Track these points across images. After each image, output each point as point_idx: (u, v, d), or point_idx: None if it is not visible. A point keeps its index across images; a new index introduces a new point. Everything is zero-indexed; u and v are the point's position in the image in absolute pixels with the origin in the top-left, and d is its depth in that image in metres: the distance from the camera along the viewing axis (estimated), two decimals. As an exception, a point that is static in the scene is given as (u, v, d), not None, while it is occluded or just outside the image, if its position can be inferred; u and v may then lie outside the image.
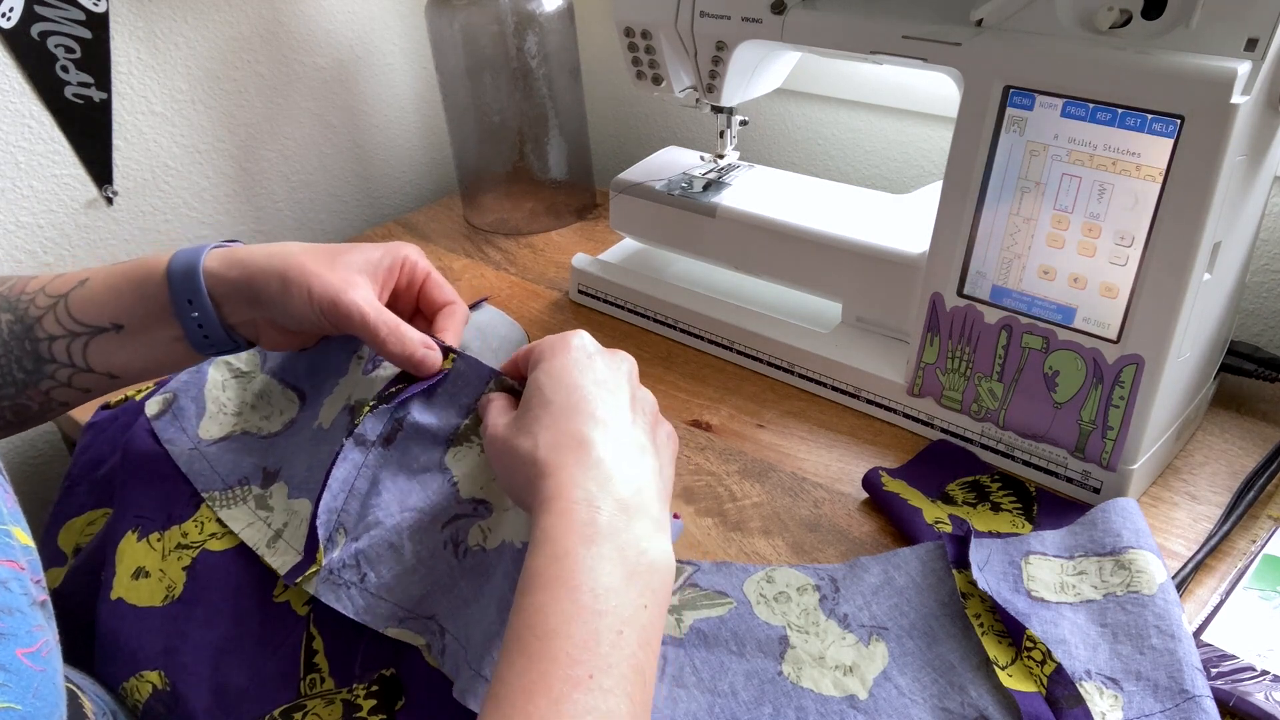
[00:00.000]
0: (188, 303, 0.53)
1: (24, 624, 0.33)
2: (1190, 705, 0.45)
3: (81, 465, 0.64)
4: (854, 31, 0.64)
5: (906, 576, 0.54)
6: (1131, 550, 0.52)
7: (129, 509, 0.56)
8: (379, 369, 0.58)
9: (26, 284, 0.55)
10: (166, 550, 0.54)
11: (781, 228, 0.74)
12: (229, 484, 0.58)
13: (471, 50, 0.92)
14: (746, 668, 0.50)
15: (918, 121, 0.90)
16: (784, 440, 0.69)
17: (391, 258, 0.57)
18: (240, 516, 0.56)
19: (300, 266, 0.53)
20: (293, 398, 0.62)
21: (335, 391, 0.60)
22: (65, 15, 0.79)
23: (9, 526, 0.36)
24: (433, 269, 0.59)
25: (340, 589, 0.49)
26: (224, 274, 0.54)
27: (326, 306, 0.52)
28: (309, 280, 0.52)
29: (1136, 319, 0.56)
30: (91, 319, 0.54)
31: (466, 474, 0.52)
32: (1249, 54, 0.50)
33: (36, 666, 0.33)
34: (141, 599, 0.53)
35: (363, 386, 0.57)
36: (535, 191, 1.01)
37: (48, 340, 0.54)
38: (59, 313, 0.54)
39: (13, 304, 0.54)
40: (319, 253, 0.54)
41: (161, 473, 0.59)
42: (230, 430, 0.61)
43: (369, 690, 0.45)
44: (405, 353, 0.52)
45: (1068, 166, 0.56)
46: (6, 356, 0.54)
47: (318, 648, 0.49)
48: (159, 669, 0.50)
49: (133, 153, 0.88)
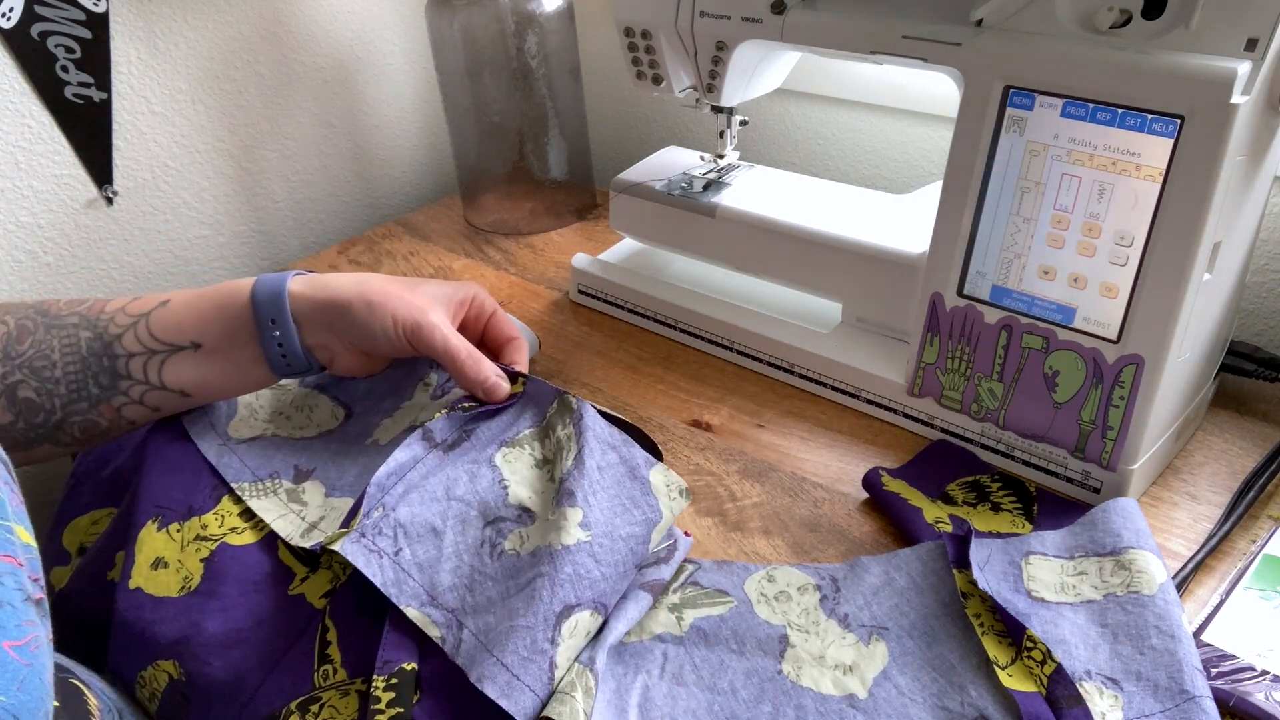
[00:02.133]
0: (270, 322, 0.56)
1: (14, 618, 0.34)
2: (1190, 705, 0.45)
3: (87, 464, 0.64)
4: (854, 31, 0.64)
5: (907, 577, 0.54)
6: (1132, 550, 0.52)
7: (149, 499, 0.57)
8: (447, 395, 0.61)
9: (105, 305, 0.57)
10: (185, 541, 0.55)
11: (781, 228, 0.74)
12: (259, 477, 0.59)
13: (471, 50, 0.92)
14: (746, 666, 0.50)
15: (918, 121, 0.90)
16: (784, 440, 0.69)
17: (464, 293, 0.62)
18: (271, 508, 0.56)
19: (384, 290, 0.57)
20: (339, 413, 0.64)
21: (397, 414, 0.62)
22: (65, 15, 0.79)
23: (11, 523, 0.36)
24: (499, 307, 0.64)
25: (373, 555, 0.49)
26: (309, 295, 0.57)
27: (410, 328, 0.57)
28: (392, 303, 0.57)
29: (1136, 319, 0.56)
30: (172, 337, 0.56)
31: (517, 477, 0.54)
32: (1249, 54, 0.50)
33: (23, 660, 0.33)
34: (159, 589, 0.53)
35: (430, 410, 0.60)
36: (535, 191, 1.01)
37: (126, 357, 0.56)
38: (139, 331, 0.56)
39: (92, 322, 0.56)
40: (399, 282, 0.59)
41: (185, 466, 0.59)
42: (260, 433, 0.62)
43: (388, 683, 0.46)
44: (480, 377, 0.57)
45: (1068, 166, 0.56)
46: (84, 372, 0.56)
47: (331, 639, 0.50)
48: (174, 659, 0.50)
49: (133, 153, 0.88)
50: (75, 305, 0.57)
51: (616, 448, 0.55)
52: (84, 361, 0.55)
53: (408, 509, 0.51)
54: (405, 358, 0.62)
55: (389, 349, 0.58)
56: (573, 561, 0.48)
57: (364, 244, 1.02)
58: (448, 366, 0.57)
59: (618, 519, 0.51)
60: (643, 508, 0.53)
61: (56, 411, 0.55)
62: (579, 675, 0.46)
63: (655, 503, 0.53)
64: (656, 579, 0.53)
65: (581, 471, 0.52)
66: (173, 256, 0.94)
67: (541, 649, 0.46)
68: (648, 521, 0.52)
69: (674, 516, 0.54)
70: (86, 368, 0.56)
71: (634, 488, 0.53)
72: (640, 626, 0.52)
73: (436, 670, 0.47)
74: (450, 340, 0.57)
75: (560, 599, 0.47)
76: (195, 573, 0.53)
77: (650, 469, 0.55)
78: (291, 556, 0.54)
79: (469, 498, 0.52)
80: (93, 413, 0.56)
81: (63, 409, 0.55)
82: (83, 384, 0.56)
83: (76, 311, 0.57)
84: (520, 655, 0.45)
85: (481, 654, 0.46)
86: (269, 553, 0.54)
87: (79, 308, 0.57)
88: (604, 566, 0.49)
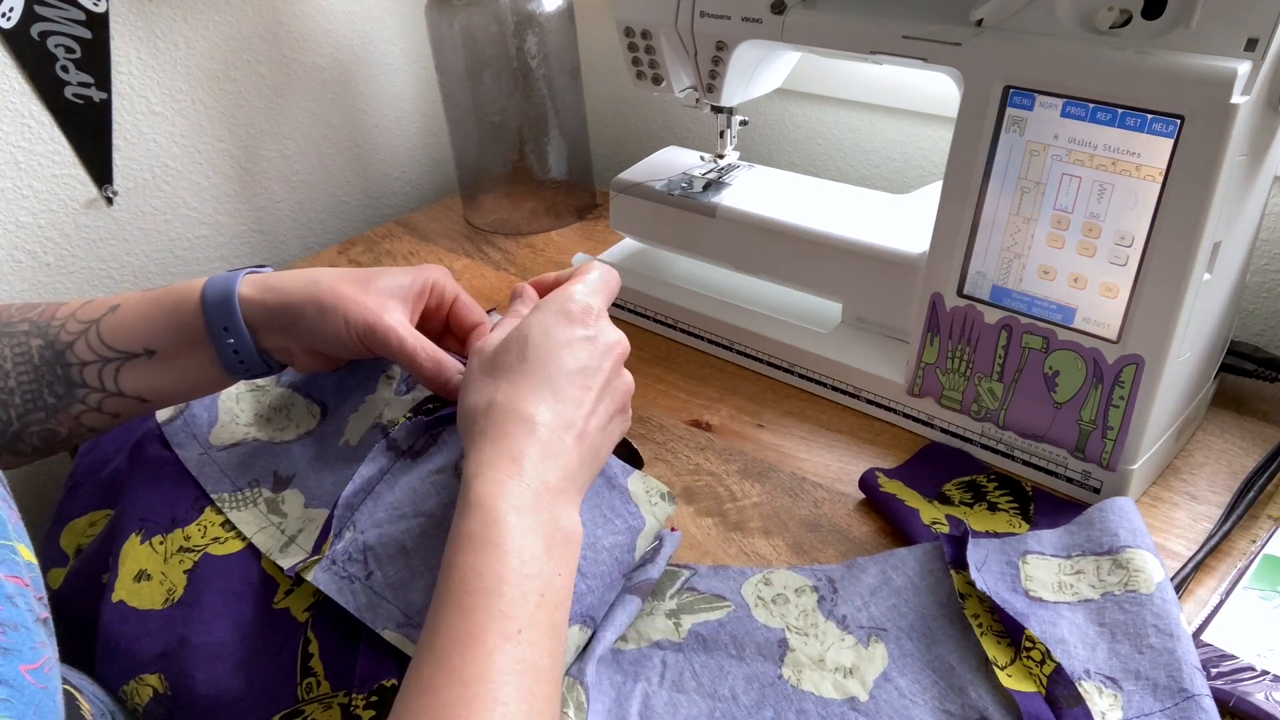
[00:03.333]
0: (223, 329, 0.54)
1: (28, 640, 0.33)
2: (1190, 704, 0.45)
3: (84, 467, 0.64)
4: (854, 31, 0.64)
5: (904, 577, 0.54)
6: (1129, 550, 0.52)
7: (133, 511, 0.57)
8: (413, 390, 0.59)
9: (56, 310, 0.56)
10: (169, 553, 0.54)
11: (781, 228, 0.74)
12: (239, 486, 0.58)
13: (471, 50, 0.92)
14: (746, 671, 0.50)
15: (918, 121, 0.90)
16: (784, 440, 0.69)
17: (422, 281, 0.58)
18: (251, 520, 0.56)
19: (335, 292, 0.54)
20: (315, 410, 0.63)
21: (362, 409, 0.60)
22: (65, 15, 0.79)
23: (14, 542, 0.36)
24: (461, 291, 0.61)
25: (344, 581, 0.49)
26: (259, 299, 0.55)
27: (363, 331, 0.54)
28: (344, 306, 0.54)
29: (1136, 319, 0.56)
30: (124, 345, 0.54)
31: None
32: (1249, 54, 0.50)
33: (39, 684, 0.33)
34: (143, 602, 0.53)
35: (395, 407, 0.58)
36: (535, 191, 1.01)
37: (79, 365, 0.54)
38: (90, 339, 0.54)
39: (43, 329, 0.55)
40: (351, 277, 0.56)
41: (167, 476, 0.59)
42: (242, 439, 0.62)
43: (368, 700, 0.45)
44: (441, 379, 0.54)
45: (1068, 166, 0.56)
46: (38, 381, 0.54)
47: (313, 651, 0.49)
48: (158, 673, 0.50)
49: (133, 153, 0.88)
50: (27, 311, 0.56)
51: None
52: (36, 370, 0.54)
53: (376, 530, 0.50)
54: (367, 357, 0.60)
55: (344, 352, 0.56)
56: None
57: (364, 244, 1.02)
58: (406, 368, 0.55)
59: (599, 529, 0.51)
60: (624, 516, 0.52)
61: (13, 422, 0.54)
62: (569, 689, 0.46)
63: (636, 509, 0.53)
64: (644, 579, 0.53)
65: None
66: (173, 256, 0.95)
67: None
68: (630, 529, 0.52)
69: (659, 521, 0.54)
70: (40, 377, 0.54)
71: (613, 497, 0.53)
72: (638, 633, 0.52)
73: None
74: (406, 342, 0.54)
75: None
76: (179, 584, 0.53)
77: (628, 477, 0.54)
78: (275, 567, 0.54)
79: (437, 512, 0.51)
80: (51, 422, 0.55)
81: (19, 419, 0.54)
82: (37, 393, 0.54)
83: (28, 318, 0.55)
84: None
85: None
86: (252, 562, 0.54)
87: (30, 314, 0.55)
88: (589, 579, 0.49)
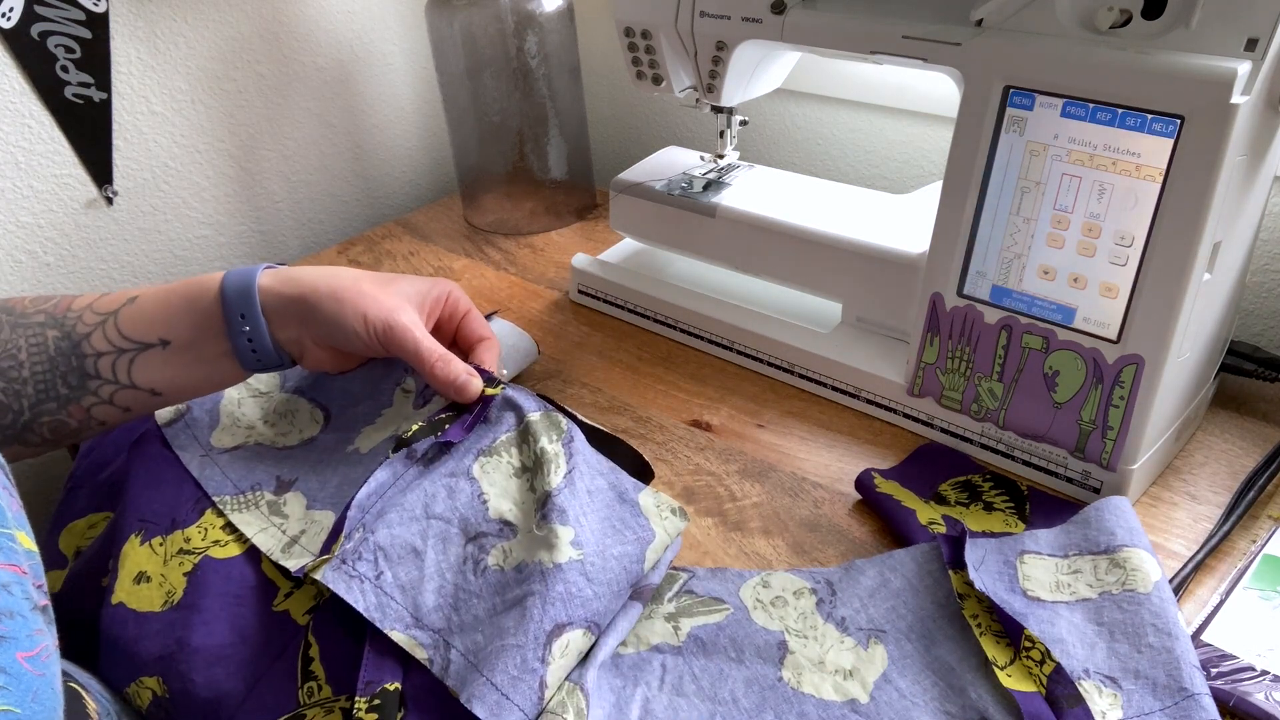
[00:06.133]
0: (240, 317, 0.55)
1: (24, 628, 0.33)
2: (1190, 703, 0.45)
3: (84, 468, 0.64)
4: (854, 31, 0.64)
5: (902, 578, 0.54)
6: (1126, 549, 0.52)
7: (134, 513, 0.56)
8: (429, 404, 0.60)
9: (72, 302, 0.56)
10: (168, 555, 0.54)
11: (781, 228, 0.74)
12: (240, 489, 0.58)
13: (471, 50, 0.92)
14: (746, 674, 0.50)
15: (918, 121, 0.90)
16: (784, 440, 0.69)
17: (439, 291, 0.61)
18: (253, 521, 0.56)
19: (356, 288, 0.56)
20: (318, 416, 0.63)
21: (379, 421, 0.61)
22: (65, 15, 0.79)
23: (13, 530, 0.36)
24: (473, 306, 0.63)
25: (354, 580, 0.49)
26: (279, 289, 0.56)
27: (381, 328, 0.55)
28: (364, 301, 0.55)
29: (1136, 319, 0.56)
30: (140, 335, 0.55)
31: (496, 489, 0.53)
32: (1249, 54, 0.50)
33: (36, 671, 0.33)
34: (142, 604, 0.53)
35: (412, 421, 0.59)
36: (535, 191, 1.01)
37: (95, 356, 0.55)
38: (108, 329, 0.55)
39: (59, 320, 0.55)
40: (372, 278, 0.58)
41: (168, 478, 0.59)
42: (244, 441, 0.62)
43: (370, 704, 0.45)
44: (450, 377, 0.56)
45: (1068, 166, 0.56)
46: (52, 372, 0.54)
47: (314, 654, 0.49)
48: (158, 675, 0.50)
49: (133, 153, 0.88)
50: (41, 303, 0.56)
51: (604, 474, 0.55)
52: (51, 361, 0.54)
53: (387, 530, 0.50)
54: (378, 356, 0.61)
55: (360, 347, 0.57)
56: (564, 580, 0.48)
57: (364, 244, 1.02)
58: (418, 367, 0.56)
59: (609, 539, 0.51)
60: (634, 528, 0.52)
61: (25, 412, 0.54)
62: (569, 694, 0.46)
63: (646, 522, 0.53)
64: (645, 584, 0.53)
65: (573, 492, 0.52)
66: (173, 256, 0.95)
67: (531, 668, 0.45)
68: (640, 540, 0.52)
69: (670, 536, 0.54)
70: (54, 367, 0.54)
71: (624, 510, 0.53)
72: (637, 637, 0.52)
73: (421, 687, 0.47)
74: (422, 343, 0.56)
75: (552, 617, 0.47)
76: (178, 586, 0.53)
77: (639, 493, 0.55)
78: (275, 570, 0.54)
79: (448, 514, 0.51)
80: (61, 413, 0.55)
81: (31, 410, 0.54)
82: (51, 384, 0.54)
83: (43, 309, 0.55)
84: (510, 674, 0.45)
85: (471, 674, 0.46)
86: (252, 565, 0.54)
87: (45, 305, 0.56)
88: (596, 585, 0.49)
